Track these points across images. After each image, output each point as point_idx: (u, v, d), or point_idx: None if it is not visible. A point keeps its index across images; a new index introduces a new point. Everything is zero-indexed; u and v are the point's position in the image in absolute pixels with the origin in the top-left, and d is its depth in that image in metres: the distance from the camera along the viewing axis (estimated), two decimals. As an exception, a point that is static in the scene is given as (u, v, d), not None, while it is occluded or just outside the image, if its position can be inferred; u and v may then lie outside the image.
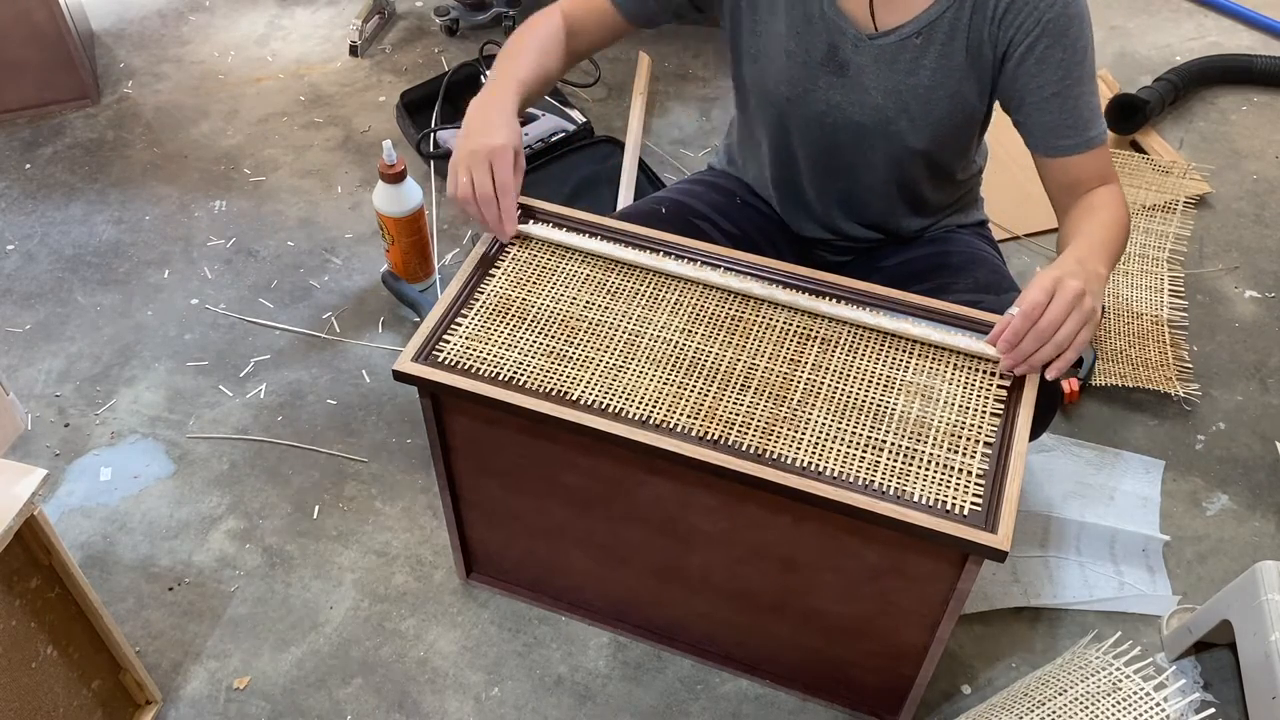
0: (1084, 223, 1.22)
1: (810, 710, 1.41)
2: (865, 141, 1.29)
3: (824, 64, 1.25)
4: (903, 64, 1.22)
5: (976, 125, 1.31)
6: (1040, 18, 1.15)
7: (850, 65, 1.24)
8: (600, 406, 1.11)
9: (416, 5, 2.76)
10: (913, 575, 1.13)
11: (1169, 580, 1.55)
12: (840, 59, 1.24)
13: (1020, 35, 1.17)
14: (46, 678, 1.15)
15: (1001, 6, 1.16)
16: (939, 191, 1.39)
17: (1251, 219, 2.17)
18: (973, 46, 1.20)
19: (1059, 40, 1.16)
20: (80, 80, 2.33)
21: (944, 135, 1.28)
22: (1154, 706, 1.15)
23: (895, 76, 1.23)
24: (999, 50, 1.19)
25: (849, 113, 1.27)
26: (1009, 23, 1.16)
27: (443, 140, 2.19)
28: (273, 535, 1.59)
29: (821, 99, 1.27)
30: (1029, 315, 1.07)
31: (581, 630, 1.48)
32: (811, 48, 1.24)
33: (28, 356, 1.85)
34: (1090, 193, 1.24)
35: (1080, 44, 1.17)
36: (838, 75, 1.25)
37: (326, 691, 1.42)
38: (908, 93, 1.23)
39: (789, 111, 1.31)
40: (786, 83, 1.27)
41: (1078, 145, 1.22)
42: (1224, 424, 1.77)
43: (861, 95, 1.25)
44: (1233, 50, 2.58)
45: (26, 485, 1.04)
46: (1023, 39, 1.17)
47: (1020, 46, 1.17)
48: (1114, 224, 1.22)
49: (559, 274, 1.25)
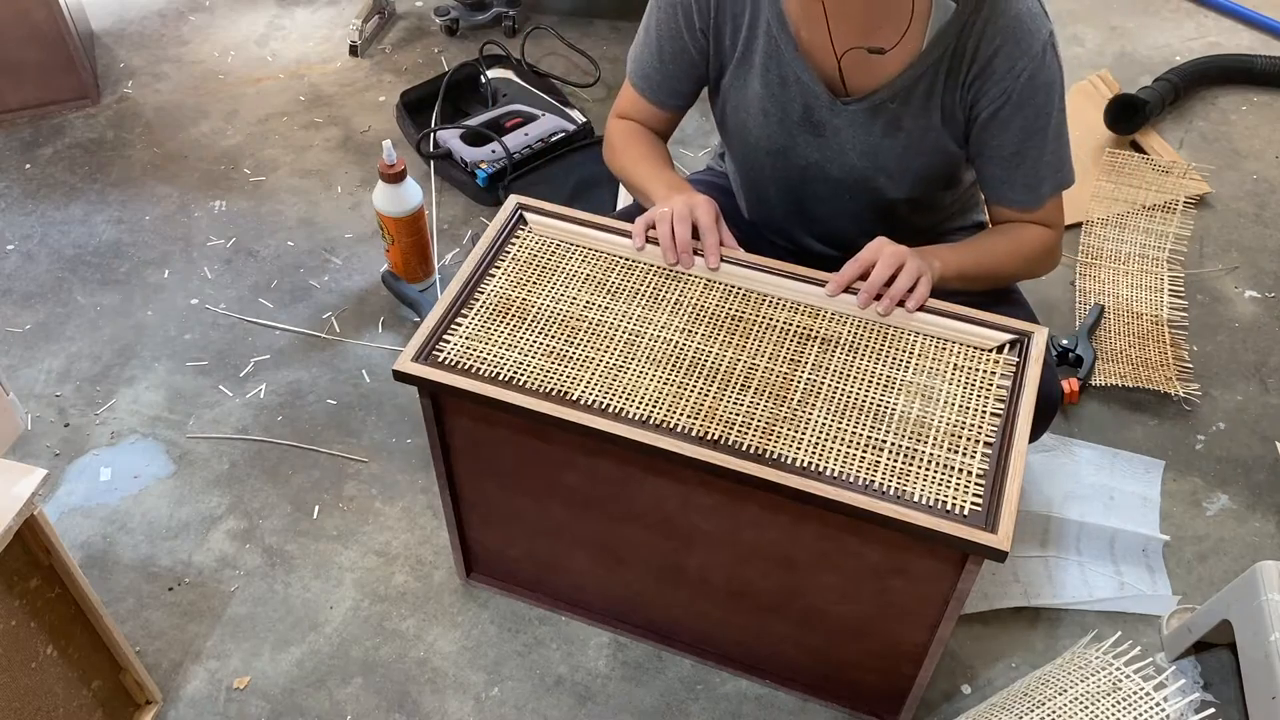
0: (983, 239, 1.30)
1: (810, 710, 1.41)
2: (844, 194, 1.32)
3: (801, 124, 1.27)
4: (879, 127, 1.23)
5: (960, 166, 1.31)
6: (1006, 87, 1.17)
7: (826, 126, 1.25)
8: (600, 406, 1.11)
9: (416, 5, 2.76)
10: (913, 575, 1.13)
11: (1169, 580, 1.55)
12: (816, 120, 1.26)
13: (986, 101, 1.18)
14: (46, 678, 1.15)
15: (973, 74, 1.17)
16: (928, 216, 1.39)
17: (1251, 219, 2.17)
18: (946, 108, 1.21)
19: (1022, 108, 1.18)
20: (80, 80, 2.33)
21: (925, 183, 1.29)
22: (1154, 706, 1.15)
23: (871, 139, 1.24)
24: (969, 113, 1.21)
25: (828, 170, 1.29)
26: (978, 88, 1.18)
27: (442, 140, 2.19)
28: (273, 535, 1.59)
29: (801, 156, 1.29)
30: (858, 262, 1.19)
31: (581, 630, 1.48)
32: (788, 108, 1.26)
33: (28, 356, 1.85)
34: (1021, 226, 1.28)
35: (1045, 110, 1.19)
36: (815, 135, 1.27)
37: (326, 691, 1.42)
38: (885, 153, 1.25)
39: (768, 164, 1.33)
40: (766, 139, 1.30)
41: (1026, 202, 1.26)
42: (1224, 424, 1.77)
43: (839, 155, 1.27)
44: (1233, 50, 2.58)
45: (26, 485, 1.04)
46: (988, 104, 1.19)
47: (985, 111, 1.19)
48: (1008, 254, 1.27)
49: (559, 274, 1.25)
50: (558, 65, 2.55)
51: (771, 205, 1.40)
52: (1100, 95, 2.36)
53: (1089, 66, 2.54)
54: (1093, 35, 2.66)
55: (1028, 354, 1.16)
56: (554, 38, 2.63)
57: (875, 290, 1.18)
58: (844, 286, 1.20)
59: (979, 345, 1.17)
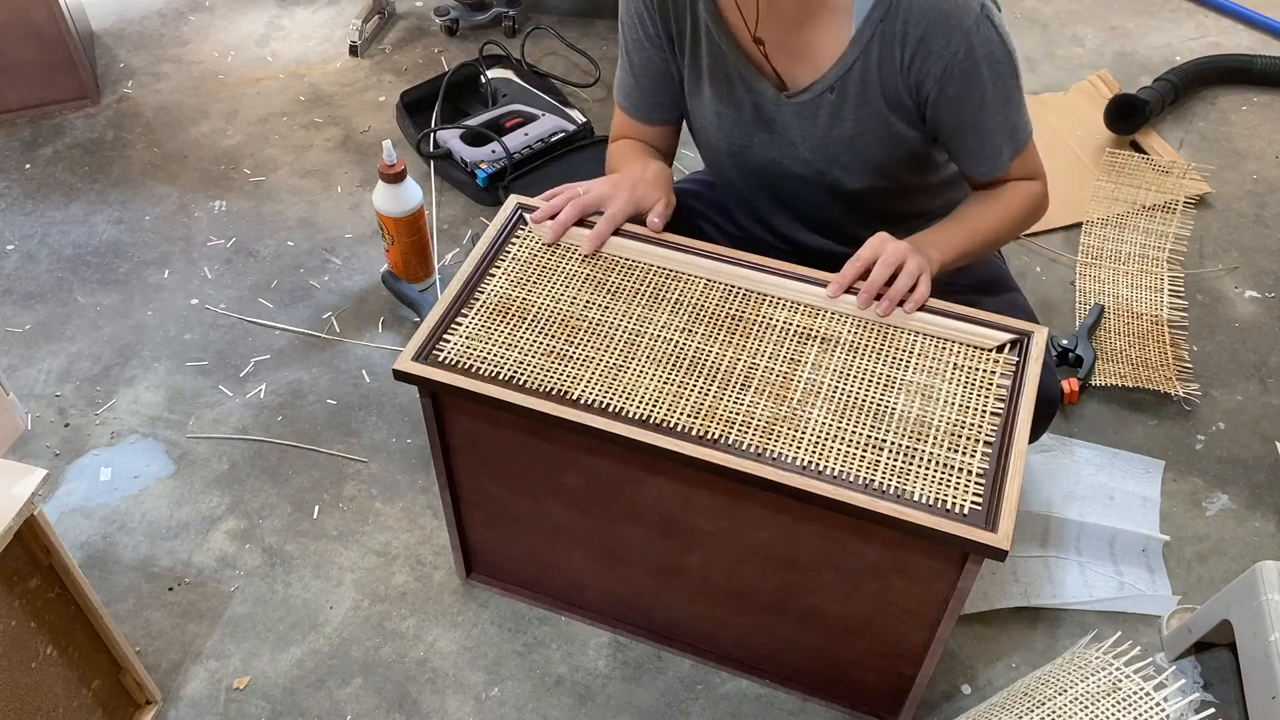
0: (970, 211, 1.29)
1: (810, 710, 1.41)
2: (808, 188, 1.32)
3: (754, 122, 1.27)
4: (823, 118, 1.23)
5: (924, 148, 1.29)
6: (945, 64, 1.16)
7: (776, 122, 1.26)
8: (600, 406, 1.11)
9: (416, 5, 2.76)
10: (913, 574, 1.13)
11: (1169, 580, 1.55)
12: (765, 117, 1.26)
13: (930, 81, 1.18)
14: (46, 678, 1.15)
15: (907, 56, 1.17)
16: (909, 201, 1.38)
17: (1251, 219, 2.17)
18: (889, 94, 1.20)
19: (966, 84, 1.17)
20: (80, 80, 2.33)
21: (888, 171, 1.29)
22: (1154, 706, 1.15)
23: (818, 131, 1.24)
24: (917, 95, 1.20)
25: (786, 166, 1.29)
26: (917, 69, 1.17)
27: (442, 140, 2.19)
28: (273, 535, 1.59)
29: (759, 154, 1.30)
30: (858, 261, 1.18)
31: (581, 630, 1.48)
32: (740, 107, 1.27)
33: (28, 356, 1.85)
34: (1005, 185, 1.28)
35: (992, 81, 1.18)
36: (768, 132, 1.27)
37: (326, 691, 1.42)
38: (833, 144, 1.25)
39: (730, 165, 1.34)
40: (725, 140, 1.30)
41: (991, 169, 1.26)
42: (1224, 424, 1.77)
43: (792, 150, 1.27)
44: (1233, 50, 2.58)
45: (26, 485, 1.04)
46: (933, 84, 1.18)
47: (932, 91, 1.19)
48: (999, 218, 1.26)
49: (559, 273, 1.25)
50: (558, 65, 2.55)
51: (751, 204, 1.40)
52: (1100, 95, 2.36)
53: (1089, 66, 2.53)
54: (1093, 35, 2.66)
55: (1027, 354, 1.16)
56: (554, 38, 2.63)
57: (875, 291, 1.18)
58: (845, 287, 1.20)
59: (979, 345, 1.17)
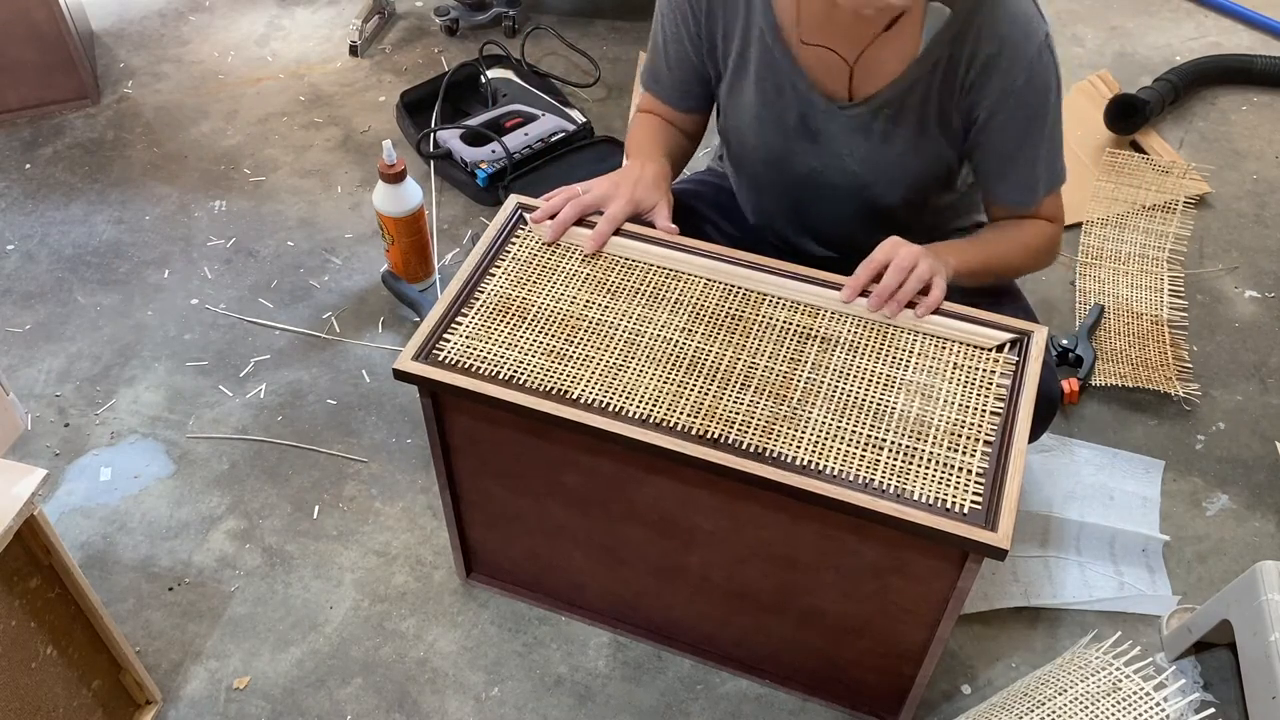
0: (988, 235, 1.29)
1: (810, 710, 1.41)
2: (842, 200, 1.31)
3: (797, 131, 1.27)
4: (875, 133, 1.23)
5: (955, 169, 1.31)
6: (1005, 89, 1.16)
7: (823, 133, 1.26)
8: (600, 405, 1.11)
9: (416, 5, 2.76)
10: (913, 574, 1.13)
11: (1169, 580, 1.55)
12: (812, 127, 1.26)
13: (985, 104, 1.18)
14: (46, 678, 1.15)
15: (970, 80, 1.17)
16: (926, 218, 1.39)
17: (1251, 219, 2.17)
18: (943, 113, 1.21)
19: (1019, 111, 1.18)
20: (80, 80, 2.33)
21: (923, 187, 1.29)
22: (1154, 706, 1.15)
23: (869, 145, 1.24)
24: (968, 117, 1.21)
25: (826, 176, 1.29)
26: (975, 92, 1.18)
27: (442, 140, 2.19)
28: (273, 535, 1.59)
29: (800, 163, 1.29)
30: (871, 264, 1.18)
31: (581, 630, 1.48)
32: (784, 116, 1.26)
33: (28, 356, 1.85)
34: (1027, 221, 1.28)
35: (1042, 112, 1.19)
36: (811, 142, 1.27)
37: (326, 691, 1.42)
38: (882, 160, 1.25)
39: (765, 172, 1.34)
40: (764, 147, 1.30)
41: (1023, 201, 1.26)
42: (1224, 424, 1.77)
43: (836, 161, 1.27)
44: (1233, 50, 2.58)
45: (26, 485, 1.04)
46: (986, 107, 1.18)
47: (983, 114, 1.19)
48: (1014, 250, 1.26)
49: (559, 273, 1.25)
50: (558, 65, 2.55)
51: (770, 211, 1.40)
52: (1100, 95, 2.36)
53: (1089, 66, 2.54)
54: (1093, 35, 2.66)
55: (1027, 353, 1.16)
56: (554, 38, 2.63)
57: (888, 294, 1.17)
58: (859, 291, 1.19)
59: (979, 344, 1.17)
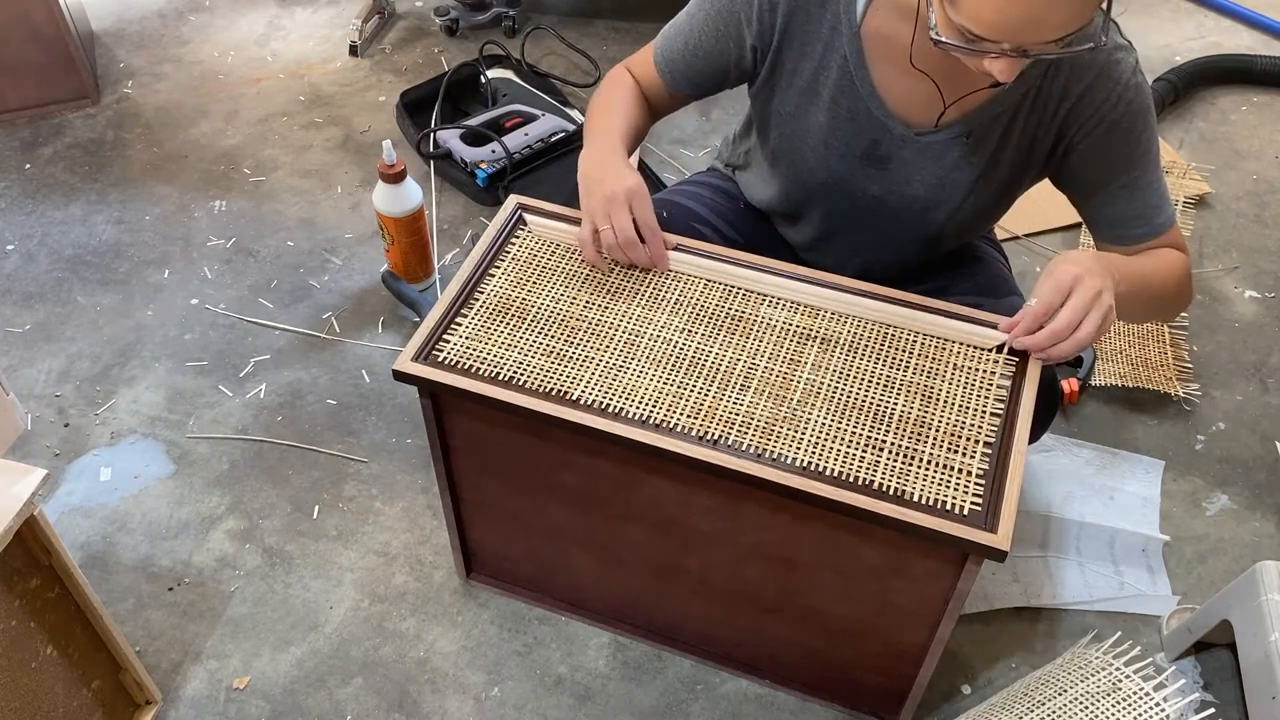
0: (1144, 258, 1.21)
1: (810, 710, 1.41)
2: (896, 224, 1.29)
3: (864, 158, 1.23)
4: (950, 160, 1.20)
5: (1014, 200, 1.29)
6: (1104, 116, 1.13)
7: (893, 159, 1.22)
8: (600, 406, 1.11)
9: (416, 5, 2.76)
10: (913, 575, 1.13)
11: (1169, 580, 1.55)
12: (882, 154, 1.23)
13: (1082, 132, 1.15)
14: (46, 678, 1.15)
15: (1064, 109, 1.14)
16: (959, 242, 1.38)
17: (1251, 219, 2.17)
18: (1024, 143, 1.18)
19: (1124, 135, 1.14)
20: (80, 80, 2.33)
21: (982, 212, 1.27)
22: (1154, 706, 1.15)
23: (940, 170, 1.21)
24: (1059, 144, 1.18)
25: (886, 201, 1.26)
26: (1071, 120, 1.15)
27: (442, 140, 2.19)
28: (273, 535, 1.59)
29: (860, 189, 1.26)
30: (1040, 314, 1.09)
31: (581, 630, 1.48)
32: (853, 142, 1.23)
33: (28, 356, 1.85)
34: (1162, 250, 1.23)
35: (1145, 135, 1.15)
36: (878, 168, 1.24)
37: (326, 691, 1.42)
38: (950, 185, 1.22)
39: (821, 194, 1.30)
40: (824, 170, 1.26)
41: (1146, 234, 1.21)
42: (1224, 424, 1.77)
43: (902, 187, 1.24)
44: (1233, 50, 2.58)
45: (26, 485, 1.04)
46: (1085, 135, 1.15)
47: (1082, 142, 1.16)
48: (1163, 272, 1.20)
49: (559, 274, 1.25)
50: (558, 65, 2.55)
51: (803, 229, 1.38)
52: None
53: (1089, 66, 2.54)
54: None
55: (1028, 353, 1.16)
56: (554, 38, 2.63)
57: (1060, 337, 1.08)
58: (1032, 330, 1.11)
59: (979, 345, 1.17)
